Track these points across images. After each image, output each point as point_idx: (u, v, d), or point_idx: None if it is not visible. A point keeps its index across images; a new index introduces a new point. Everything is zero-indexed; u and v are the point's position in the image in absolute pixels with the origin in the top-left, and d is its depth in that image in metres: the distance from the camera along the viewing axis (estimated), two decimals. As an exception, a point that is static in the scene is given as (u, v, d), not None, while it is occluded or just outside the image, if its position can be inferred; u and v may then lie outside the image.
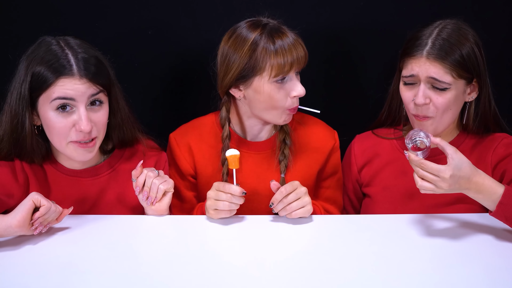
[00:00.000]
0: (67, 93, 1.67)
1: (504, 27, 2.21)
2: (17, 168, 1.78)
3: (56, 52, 1.69)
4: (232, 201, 1.71)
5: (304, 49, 1.80)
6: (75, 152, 1.73)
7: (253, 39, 1.77)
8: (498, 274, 1.50)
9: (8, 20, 2.15)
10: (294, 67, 1.78)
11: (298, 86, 1.80)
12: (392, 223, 1.75)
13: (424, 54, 1.75)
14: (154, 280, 1.48)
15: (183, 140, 1.92)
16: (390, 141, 1.95)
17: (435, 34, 1.77)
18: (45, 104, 1.69)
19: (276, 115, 1.83)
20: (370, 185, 1.96)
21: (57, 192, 1.79)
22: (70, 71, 1.67)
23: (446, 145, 1.60)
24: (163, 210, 1.78)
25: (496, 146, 1.86)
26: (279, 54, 1.76)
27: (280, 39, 1.77)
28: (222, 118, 1.89)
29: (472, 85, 1.81)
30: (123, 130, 1.82)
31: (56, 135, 1.71)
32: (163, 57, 2.21)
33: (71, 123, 1.69)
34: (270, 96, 1.79)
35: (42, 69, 1.67)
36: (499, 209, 1.60)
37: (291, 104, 1.81)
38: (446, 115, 1.79)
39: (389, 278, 1.48)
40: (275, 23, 1.82)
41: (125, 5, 2.15)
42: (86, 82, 1.68)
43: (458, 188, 1.60)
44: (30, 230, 1.63)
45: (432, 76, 1.74)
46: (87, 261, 1.56)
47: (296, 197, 1.72)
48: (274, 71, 1.76)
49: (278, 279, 1.48)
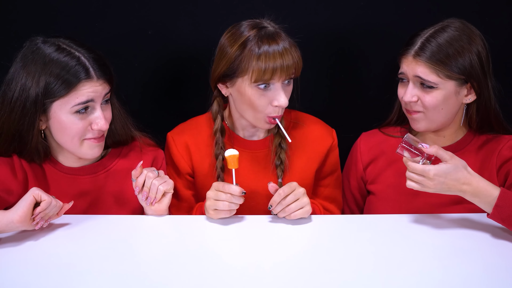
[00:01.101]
0: (89, 95, 1.69)
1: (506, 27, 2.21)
2: (16, 165, 1.78)
3: (66, 56, 1.68)
4: (231, 201, 1.71)
5: (294, 59, 1.75)
6: (90, 149, 1.74)
7: (245, 38, 1.76)
8: (498, 274, 1.50)
9: (8, 20, 2.15)
10: (277, 75, 1.74)
11: (281, 96, 1.76)
12: (392, 223, 1.75)
13: (411, 53, 1.78)
14: (153, 280, 1.48)
15: (180, 139, 1.93)
16: (396, 139, 1.95)
17: (427, 35, 1.78)
18: (62, 109, 1.69)
19: (257, 120, 1.82)
20: (375, 182, 1.96)
21: (56, 190, 1.79)
22: (88, 74, 1.68)
23: (443, 152, 1.64)
24: (162, 211, 1.78)
25: (502, 148, 1.86)
26: (262, 59, 1.73)
27: (267, 44, 1.74)
28: (213, 112, 1.90)
29: (468, 86, 1.80)
30: (116, 128, 1.82)
31: (70, 136, 1.72)
32: (163, 57, 2.21)
33: (88, 123, 1.72)
34: (251, 101, 1.78)
35: (57, 76, 1.66)
36: (496, 211, 1.62)
37: (271, 112, 1.79)
38: (437, 113, 1.80)
39: (389, 278, 1.48)
40: (275, 28, 1.80)
41: (125, 5, 2.15)
42: (103, 82, 1.71)
43: (448, 189, 1.64)
44: (31, 225, 1.64)
45: (417, 74, 1.77)
46: (86, 260, 1.56)
47: (295, 198, 1.72)
48: (254, 76, 1.74)
49: (277, 279, 1.48)
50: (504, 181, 1.84)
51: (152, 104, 2.26)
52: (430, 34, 1.78)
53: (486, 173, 1.84)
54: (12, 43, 2.11)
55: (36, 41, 1.73)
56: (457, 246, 1.62)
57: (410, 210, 1.85)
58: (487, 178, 1.67)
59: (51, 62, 1.68)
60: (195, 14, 2.17)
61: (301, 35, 1.82)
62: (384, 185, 1.94)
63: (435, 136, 1.90)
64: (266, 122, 1.81)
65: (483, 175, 1.67)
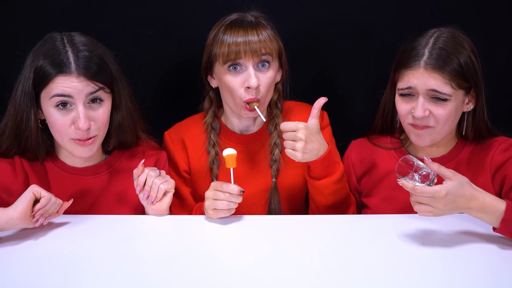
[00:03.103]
0: (65, 90, 1.67)
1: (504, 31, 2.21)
2: (17, 166, 1.78)
3: (58, 48, 1.69)
4: (230, 200, 1.71)
5: (260, 36, 1.78)
6: (74, 149, 1.73)
7: (220, 25, 1.82)
8: (498, 273, 1.50)
9: (9, 20, 2.15)
10: (242, 52, 1.77)
11: (251, 77, 1.78)
12: (392, 223, 1.74)
13: (422, 65, 1.71)
14: (153, 279, 1.47)
15: (177, 137, 1.95)
16: (387, 151, 1.93)
17: (431, 43, 1.73)
18: (45, 100, 1.70)
19: (237, 106, 1.84)
20: (369, 195, 1.94)
21: (57, 190, 1.79)
22: (68, 68, 1.68)
23: (445, 170, 1.57)
24: (163, 210, 1.78)
25: (494, 153, 1.83)
26: (226, 38, 1.78)
27: (236, 26, 1.79)
28: (205, 107, 1.95)
29: (470, 95, 1.78)
30: (123, 131, 1.81)
31: (57, 131, 1.72)
32: (163, 56, 2.21)
33: (70, 121, 1.70)
34: (227, 85, 1.81)
35: (43, 64, 1.68)
36: (503, 225, 1.57)
37: (245, 95, 1.80)
38: (447, 126, 1.76)
39: (389, 278, 1.48)
40: (256, 18, 1.83)
41: (125, 4, 2.16)
42: (84, 80, 1.68)
43: (456, 208, 1.57)
44: (31, 222, 1.64)
45: (432, 88, 1.70)
46: (86, 260, 1.56)
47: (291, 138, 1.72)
48: (221, 56, 1.78)
49: (277, 279, 1.48)
50: (499, 187, 1.81)
51: (152, 103, 2.25)
52: (434, 42, 1.72)
53: (480, 180, 1.81)
54: (12, 42, 2.12)
55: (51, 34, 1.74)
56: (457, 246, 1.62)
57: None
58: (482, 185, 1.64)
59: (44, 52, 1.69)
60: (195, 12, 2.17)
61: (301, 35, 1.82)
62: (378, 199, 1.91)
63: (429, 148, 1.85)
64: (243, 107, 1.82)
65: (477, 183, 1.62)
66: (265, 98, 1.84)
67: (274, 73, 1.84)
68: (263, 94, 1.82)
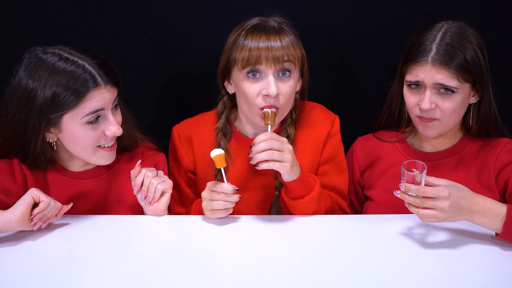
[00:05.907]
0: (98, 105, 1.66)
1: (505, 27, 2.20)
2: (16, 168, 1.77)
3: (71, 66, 1.64)
4: (226, 200, 1.70)
5: (283, 42, 1.73)
6: (103, 158, 1.74)
7: (241, 30, 1.77)
8: (498, 273, 1.50)
9: (8, 20, 2.15)
10: (262, 59, 1.71)
11: (271, 85, 1.73)
12: (392, 223, 1.74)
13: (429, 60, 1.73)
14: (152, 279, 1.48)
15: (184, 134, 1.92)
16: (392, 144, 1.94)
17: (439, 38, 1.74)
18: (73, 121, 1.66)
19: (252, 113, 1.79)
20: (372, 188, 1.95)
21: (56, 194, 1.78)
22: (95, 82, 1.65)
23: (433, 180, 1.57)
24: (161, 210, 1.77)
25: (499, 152, 1.83)
26: (247, 42, 1.72)
27: (258, 30, 1.74)
28: (218, 111, 1.90)
29: (476, 87, 1.79)
30: (122, 135, 1.79)
31: (83, 147, 1.70)
32: (163, 57, 2.21)
33: (101, 132, 1.70)
34: (243, 91, 1.76)
35: (65, 87, 1.62)
36: (506, 229, 1.56)
37: (261, 102, 1.75)
38: (453, 118, 1.78)
39: (389, 278, 1.48)
40: (278, 23, 1.78)
41: (125, 5, 2.15)
42: (111, 88, 1.68)
43: (459, 211, 1.56)
44: (29, 226, 1.64)
45: (439, 82, 1.72)
46: (85, 260, 1.57)
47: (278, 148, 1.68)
48: (241, 61, 1.73)
49: (276, 279, 1.48)
50: (503, 188, 1.81)
51: (151, 104, 2.26)
52: (441, 38, 1.74)
53: (484, 179, 1.82)
54: (13, 42, 2.13)
55: (36, 52, 1.67)
56: (457, 246, 1.61)
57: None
58: (485, 184, 1.65)
59: (57, 73, 1.63)
60: (196, 14, 2.17)
61: (301, 35, 1.82)
62: (381, 191, 1.92)
63: (435, 139, 1.87)
64: (259, 115, 1.78)
65: (481, 180, 1.63)
66: (285, 108, 1.79)
67: (294, 82, 1.78)
68: (283, 104, 1.77)
